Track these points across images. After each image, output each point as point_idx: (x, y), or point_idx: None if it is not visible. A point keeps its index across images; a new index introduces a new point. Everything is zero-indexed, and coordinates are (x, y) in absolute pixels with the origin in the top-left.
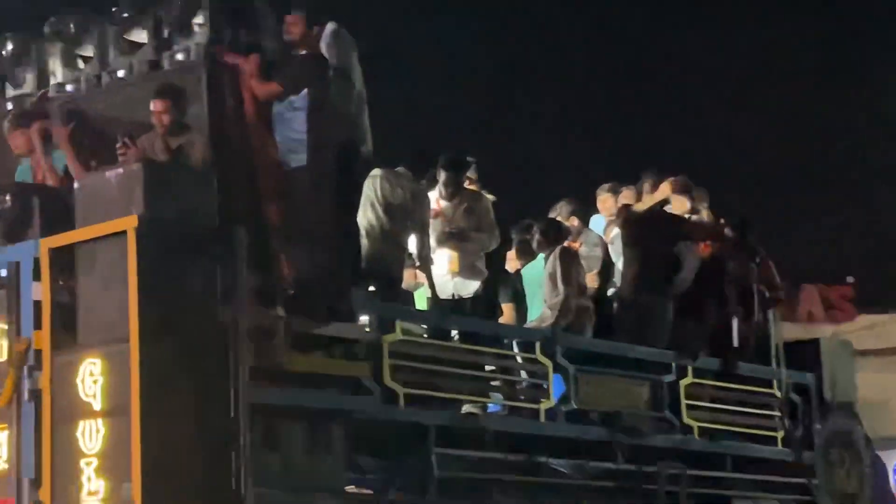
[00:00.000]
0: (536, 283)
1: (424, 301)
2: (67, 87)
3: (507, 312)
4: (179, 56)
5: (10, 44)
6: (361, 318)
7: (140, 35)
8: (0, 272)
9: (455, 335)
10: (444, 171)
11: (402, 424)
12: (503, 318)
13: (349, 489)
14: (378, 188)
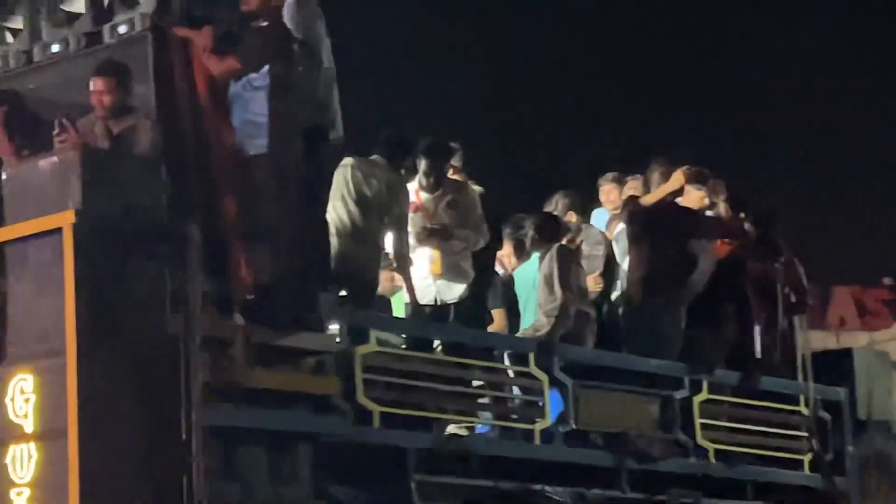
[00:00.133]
0: (530, 287)
1: (402, 307)
2: None
3: (498, 320)
4: (122, 28)
5: None
6: (331, 327)
7: (77, 4)
8: None
9: (438, 346)
10: (425, 159)
11: (378, 448)
12: (493, 327)
13: None
14: (350, 179)
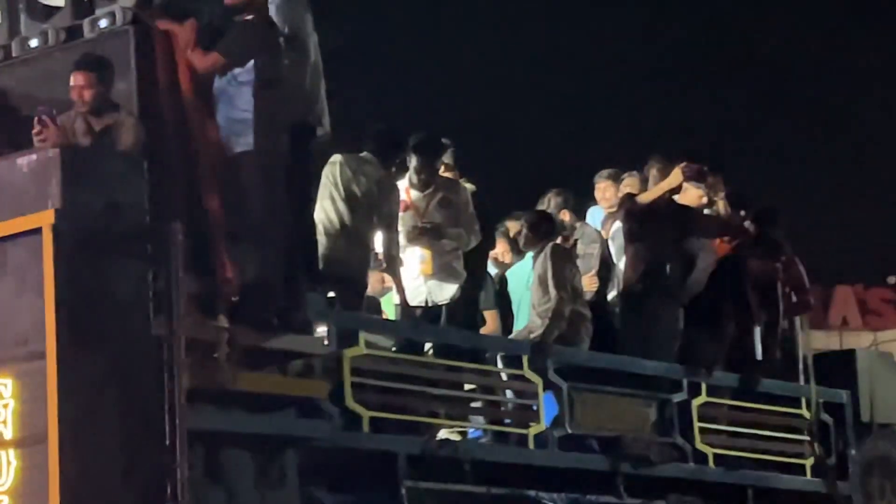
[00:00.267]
0: (524, 287)
1: (392, 309)
2: None
3: (490, 321)
4: (103, 22)
5: None
6: (319, 329)
7: None
8: None
9: (429, 348)
10: (416, 156)
11: (367, 453)
12: (485, 328)
13: None
14: (338, 176)
